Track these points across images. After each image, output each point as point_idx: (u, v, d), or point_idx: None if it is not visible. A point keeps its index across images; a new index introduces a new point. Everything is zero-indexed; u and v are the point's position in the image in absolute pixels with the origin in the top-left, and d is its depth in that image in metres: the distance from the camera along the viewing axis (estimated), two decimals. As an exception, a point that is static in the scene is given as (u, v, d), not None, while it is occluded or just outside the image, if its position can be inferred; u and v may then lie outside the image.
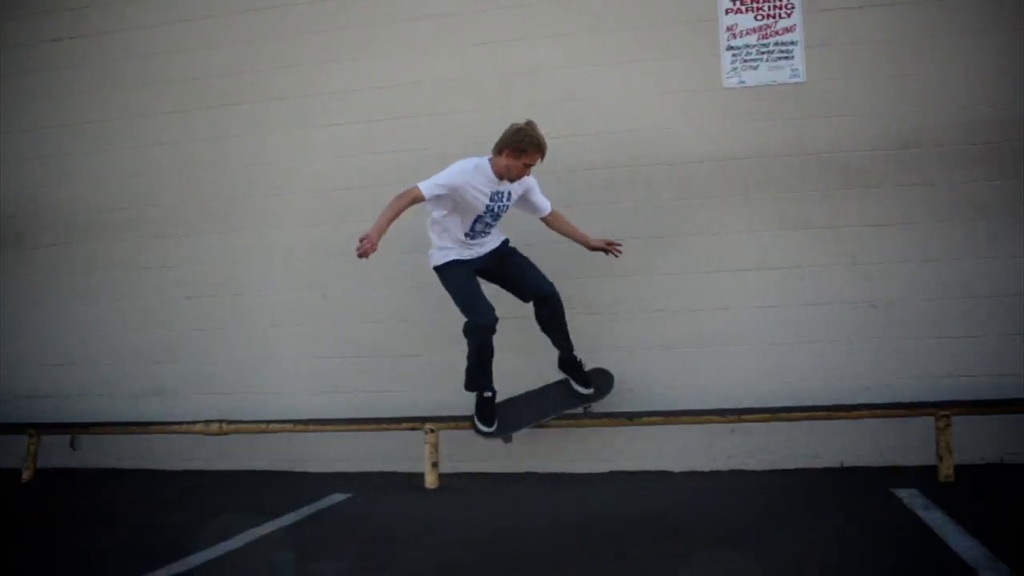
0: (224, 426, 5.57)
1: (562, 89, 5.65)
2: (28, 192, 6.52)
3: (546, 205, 5.09)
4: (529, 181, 4.93)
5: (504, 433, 5.11)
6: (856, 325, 5.33)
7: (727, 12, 5.54)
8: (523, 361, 5.38)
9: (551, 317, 5.04)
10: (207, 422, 5.60)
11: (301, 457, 5.82)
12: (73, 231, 6.42)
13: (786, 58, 5.47)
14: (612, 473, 5.47)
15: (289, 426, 5.51)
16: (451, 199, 4.76)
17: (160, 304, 6.19)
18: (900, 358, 5.28)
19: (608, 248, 5.16)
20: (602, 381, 5.30)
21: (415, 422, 5.36)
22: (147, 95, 6.31)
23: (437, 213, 4.89)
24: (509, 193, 4.91)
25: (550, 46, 5.68)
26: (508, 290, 5.11)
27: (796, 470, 5.31)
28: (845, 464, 5.32)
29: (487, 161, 4.81)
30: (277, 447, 5.82)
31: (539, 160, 4.79)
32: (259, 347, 5.99)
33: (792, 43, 5.47)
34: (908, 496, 4.54)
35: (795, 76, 5.46)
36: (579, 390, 5.19)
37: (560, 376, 5.26)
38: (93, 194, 6.39)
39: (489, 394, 5.06)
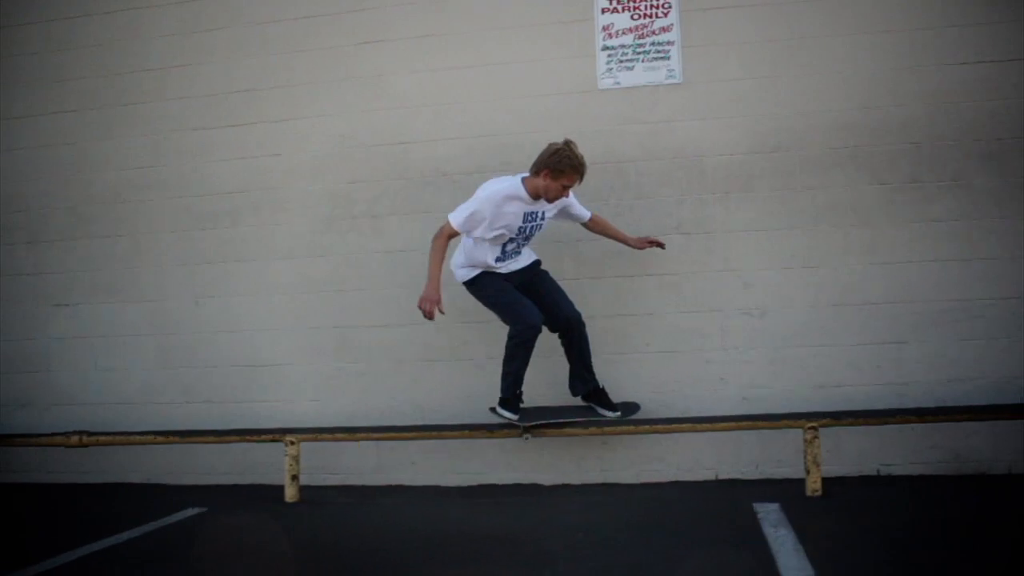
0: (84, 438, 5.36)
1: (430, 91, 5.48)
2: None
3: (586, 213, 4.94)
4: (566, 199, 4.77)
5: (526, 423, 4.84)
6: (733, 332, 5.17)
7: (603, 11, 5.38)
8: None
9: (579, 343, 4.87)
10: (67, 434, 5.39)
11: (167, 469, 5.63)
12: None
13: (663, 59, 5.32)
14: (482, 486, 5.30)
15: (151, 437, 5.32)
16: (480, 224, 4.61)
17: (30, 312, 5.98)
18: (776, 367, 5.14)
19: (652, 244, 5.02)
20: (629, 408, 5.07)
21: (276, 434, 5.18)
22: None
23: (466, 238, 4.74)
24: (543, 213, 4.74)
25: (417, 48, 5.50)
26: None
27: (669, 483, 5.16)
28: (720, 476, 5.17)
29: (520, 181, 4.62)
30: (142, 459, 5.63)
31: (578, 181, 4.63)
32: (126, 357, 5.79)
33: (669, 43, 5.32)
34: (766, 512, 4.39)
35: (672, 77, 5.31)
36: (606, 414, 4.94)
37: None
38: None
39: (519, 392, 4.86)
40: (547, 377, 5.10)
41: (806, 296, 5.15)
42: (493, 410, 4.84)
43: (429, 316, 4.56)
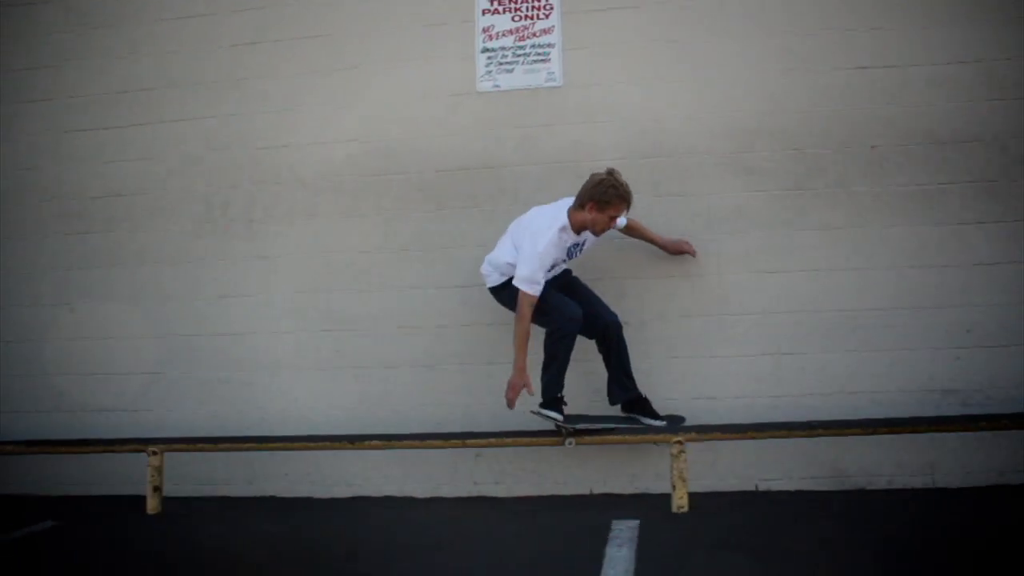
0: (-53, 448, 5.22)
1: (309, 94, 5.34)
2: None
3: (623, 220, 4.75)
4: None
5: (571, 424, 4.66)
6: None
7: (484, 13, 5.26)
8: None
9: (617, 348, 4.67)
10: (-69, 444, 5.26)
11: (35, 479, 5.46)
12: None
13: (543, 61, 5.19)
14: (355, 498, 5.15)
15: (10, 447, 5.17)
16: None
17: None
18: (653, 379, 4.97)
19: (685, 251, 4.91)
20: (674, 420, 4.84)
21: (138, 444, 5.03)
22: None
23: (508, 265, 4.59)
24: (587, 239, 4.64)
25: (297, 49, 5.37)
26: None
27: (542, 497, 5.01)
28: (594, 491, 5.02)
29: (565, 215, 4.49)
30: (12, 470, 5.47)
31: (626, 211, 4.51)
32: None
33: (550, 45, 5.20)
34: (621, 529, 4.25)
35: (551, 80, 5.18)
36: (652, 424, 4.71)
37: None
38: None
39: (561, 394, 4.63)
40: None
41: (683, 306, 5.01)
42: (536, 412, 4.58)
43: (511, 405, 4.46)
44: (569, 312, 4.51)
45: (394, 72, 5.28)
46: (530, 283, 4.43)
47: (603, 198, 4.41)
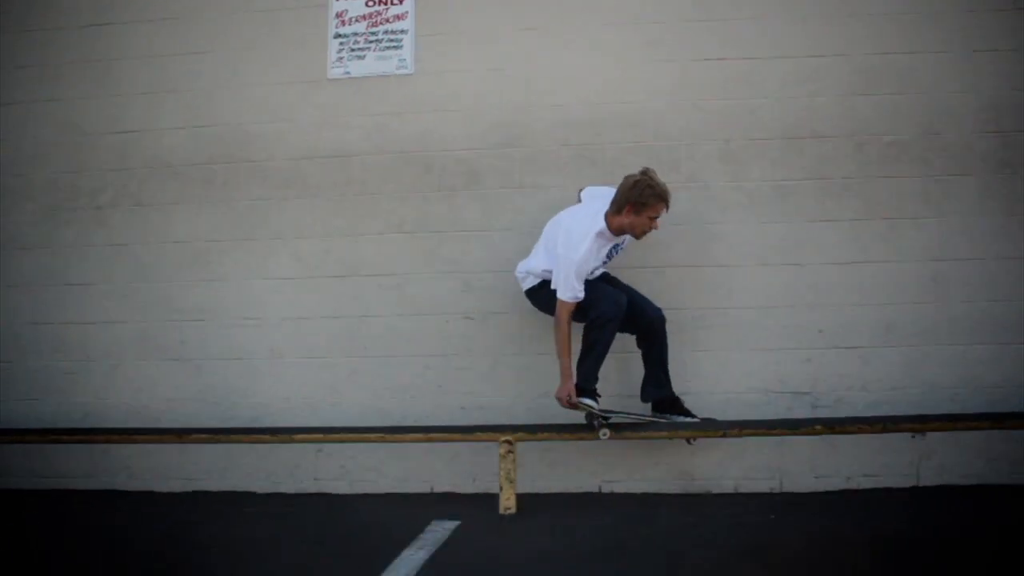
0: None
1: (156, 79, 5.17)
2: None
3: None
4: None
5: (606, 412, 4.47)
6: (454, 338, 4.90)
7: (338, -3, 5.11)
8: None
9: (659, 345, 4.51)
10: None
11: None
12: None
13: (395, 48, 5.05)
14: (196, 492, 5.00)
15: None
16: None
17: None
18: (497, 375, 4.87)
19: None
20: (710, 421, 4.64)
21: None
22: None
23: (544, 272, 4.45)
24: (625, 239, 4.48)
25: (146, 33, 5.21)
26: None
27: (381, 495, 4.88)
28: (435, 489, 4.89)
29: (602, 220, 4.33)
30: None
31: (665, 210, 4.31)
32: None
33: (402, 32, 5.05)
34: (436, 530, 4.15)
35: (403, 67, 5.03)
36: (684, 421, 4.53)
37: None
38: None
39: (595, 387, 4.46)
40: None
41: (528, 301, 4.86)
42: (573, 404, 4.38)
43: (569, 407, 4.38)
44: (613, 297, 4.34)
45: (245, 57, 5.13)
46: (567, 290, 4.28)
47: (640, 200, 4.25)
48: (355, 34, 5.07)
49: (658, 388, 4.52)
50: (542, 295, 4.46)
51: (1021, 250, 4.76)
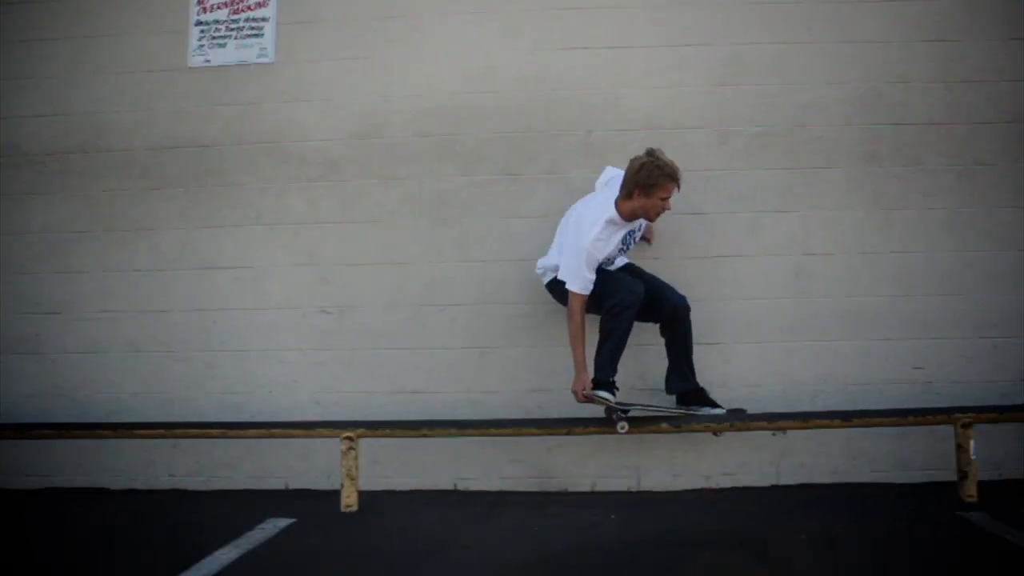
0: None
1: (7, 64, 5.06)
2: None
3: None
4: None
5: (624, 405, 4.33)
6: (309, 332, 4.81)
7: (199, -17, 5.01)
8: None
9: (683, 334, 4.36)
10: None
11: None
12: None
13: (256, 36, 4.94)
14: (48, 489, 4.87)
15: None
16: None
17: None
18: (352, 369, 4.78)
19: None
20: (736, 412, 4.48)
21: None
22: None
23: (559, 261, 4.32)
24: (641, 224, 4.38)
25: (8, 14, 5.11)
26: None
27: (236, 491, 4.77)
28: (291, 486, 4.80)
29: (613, 207, 4.21)
30: None
31: (676, 189, 4.17)
32: None
33: (264, 19, 4.94)
34: (265, 528, 4.07)
35: (263, 56, 4.93)
36: (709, 413, 4.36)
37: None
38: None
39: (614, 379, 4.28)
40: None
41: (388, 294, 4.78)
42: (588, 396, 4.20)
43: (584, 401, 4.23)
44: (628, 285, 4.21)
45: (106, 44, 5.00)
46: (576, 280, 4.16)
47: (648, 182, 4.11)
48: (217, 21, 4.97)
49: (682, 380, 4.37)
50: (561, 288, 4.30)
51: (886, 245, 4.67)
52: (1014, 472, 4.63)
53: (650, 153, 4.15)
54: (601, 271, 4.24)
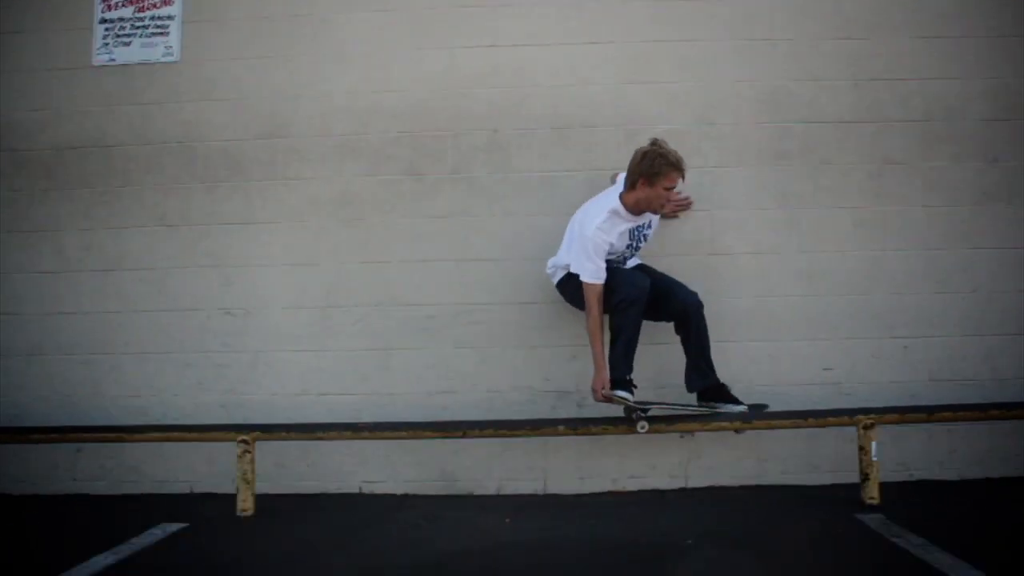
0: None
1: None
2: None
3: None
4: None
5: (642, 404, 4.27)
6: (213, 334, 4.74)
7: (105, -19, 4.94)
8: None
9: (697, 332, 4.26)
10: None
11: None
12: None
13: (161, 34, 4.87)
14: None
15: None
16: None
17: None
18: (258, 371, 4.71)
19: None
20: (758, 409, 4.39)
21: None
22: None
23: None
24: (650, 221, 4.30)
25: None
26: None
27: (141, 495, 4.70)
28: (196, 490, 4.73)
29: (617, 200, 4.16)
30: None
31: (680, 178, 4.10)
32: None
33: (169, 18, 4.88)
34: (155, 533, 4.01)
35: (169, 55, 4.86)
36: (733, 410, 4.26)
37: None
38: None
39: (631, 377, 4.20)
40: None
41: (291, 296, 4.72)
42: (607, 397, 4.14)
43: (603, 400, 4.17)
44: (632, 279, 4.15)
45: (8, 41, 4.94)
46: (585, 269, 4.11)
47: (651, 171, 4.04)
48: (121, 19, 4.90)
49: (702, 378, 4.28)
50: (570, 287, 4.27)
51: (794, 244, 4.63)
52: (924, 473, 4.60)
53: (653, 142, 4.10)
54: (608, 268, 4.18)
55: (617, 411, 4.36)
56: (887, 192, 4.64)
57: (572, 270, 4.21)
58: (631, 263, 4.41)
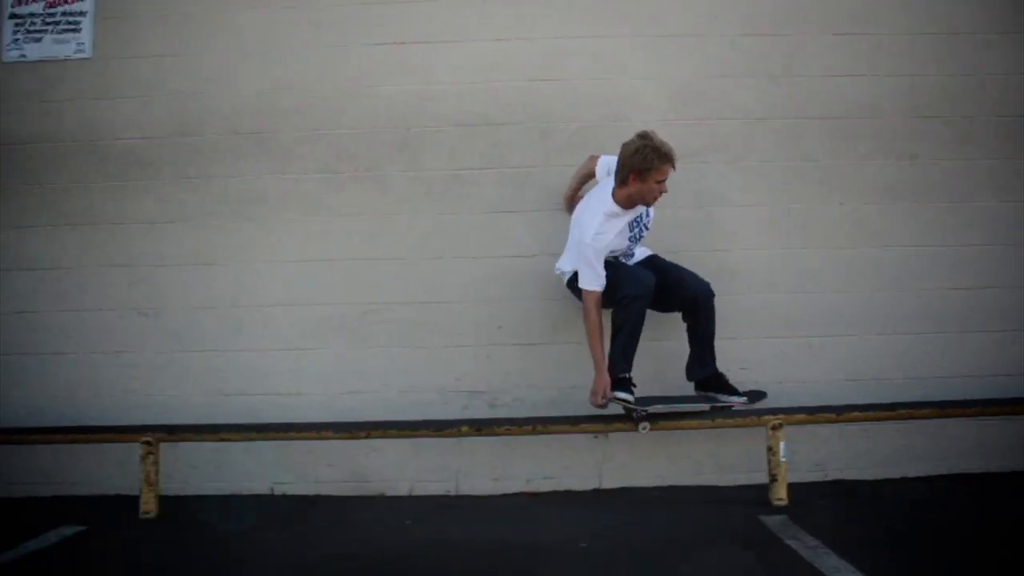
0: None
1: None
2: None
3: None
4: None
5: (643, 407, 4.18)
6: (121, 333, 4.67)
7: (14, -24, 4.87)
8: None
9: (706, 323, 4.19)
10: None
11: None
12: None
13: (73, 30, 4.81)
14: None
15: None
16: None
17: None
18: (171, 371, 4.65)
19: None
20: (755, 395, 4.35)
21: None
22: None
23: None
24: (647, 211, 4.21)
25: None
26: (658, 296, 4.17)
27: (45, 499, 4.61)
28: (108, 492, 4.62)
29: (610, 199, 4.08)
30: None
31: (672, 170, 4.02)
32: None
33: (81, 13, 4.81)
34: (48, 537, 3.96)
35: (80, 51, 4.80)
36: (730, 400, 4.21)
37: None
38: None
39: (630, 375, 4.15)
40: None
41: (200, 295, 4.66)
42: (609, 400, 4.09)
43: (602, 405, 4.09)
44: (637, 275, 4.10)
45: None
46: (584, 277, 4.07)
47: (643, 166, 3.96)
48: (32, 15, 4.84)
49: (703, 367, 4.23)
50: (576, 285, 4.21)
51: (706, 242, 4.60)
52: (840, 473, 4.58)
53: (643, 136, 4.02)
54: (612, 264, 4.15)
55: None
56: (799, 189, 4.62)
57: (566, 278, 4.21)
58: (638, 253, 4.34)
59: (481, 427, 4.24)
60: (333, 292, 4.60)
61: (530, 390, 4.57)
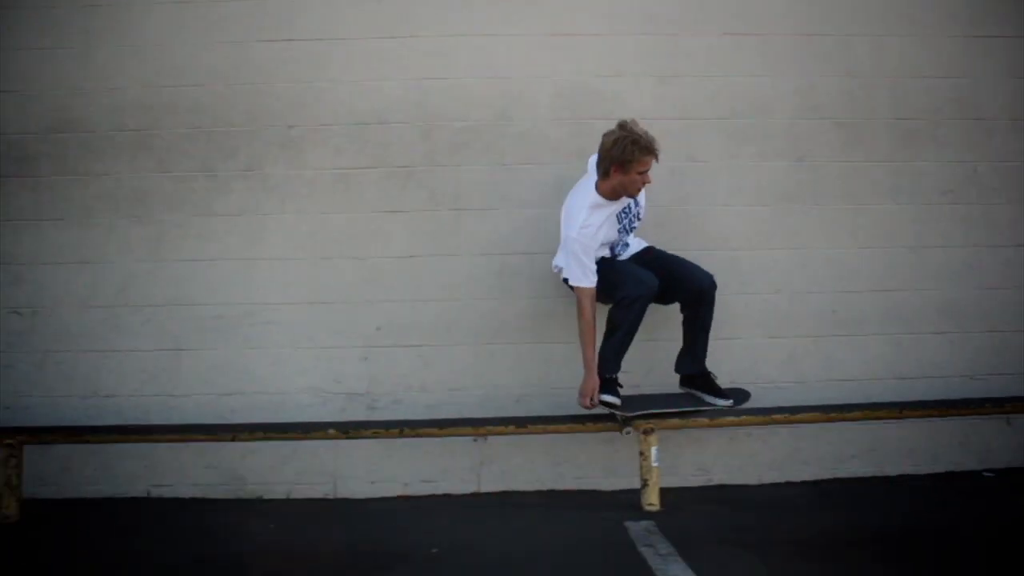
0: None
1: None
2: None
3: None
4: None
5: (631, 412, 4.16)
6: (4, 334, 4.59)
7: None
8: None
9: (705, 316, 4.15)
10: None
11: None
12: None
13: (-45, 25, 4.74)
14: None
15: None
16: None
17: None
18: (44, 372, 4.57)
19: None
20: (740, 396, 4.33)
21: None
22: None
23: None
24: (636, 201, 4.16)
25: None
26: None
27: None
28: (38, 496, 4.50)
29: (594, 191, 4.04)
30: None
31: (654, 160, 3.97)
32: None
33: (-35, 8, 4.75)
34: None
35: (-47, 46, 4.73)
36: (715, 403, 4.20)
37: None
38: None
39: (617, 376, 4.16)
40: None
41: (81, 294, 4.59)
42: (595, 403, 4.08)
43: (590, 407, 4.06)
44: (639, 275, 4.04)
45: None
46: (574, 272, 4.02)
47: (624, 157, 3.91)
48: (-69, 11, 4.77)
49: (694, 362, 4.20)
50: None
51: (589, 244, 4.52)
52: (724, 478, 4.55)
53: (623, 126, 3.96)
54: (612, 261, 4.10)
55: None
56: (690, 190, 4.57)
57: (563, 275, 4.12)
58: (633, 244, 4.29)
59: (348, 430, 4.18)
60: (216, 292, 4.54)
61: (411, 392, 4.51)
